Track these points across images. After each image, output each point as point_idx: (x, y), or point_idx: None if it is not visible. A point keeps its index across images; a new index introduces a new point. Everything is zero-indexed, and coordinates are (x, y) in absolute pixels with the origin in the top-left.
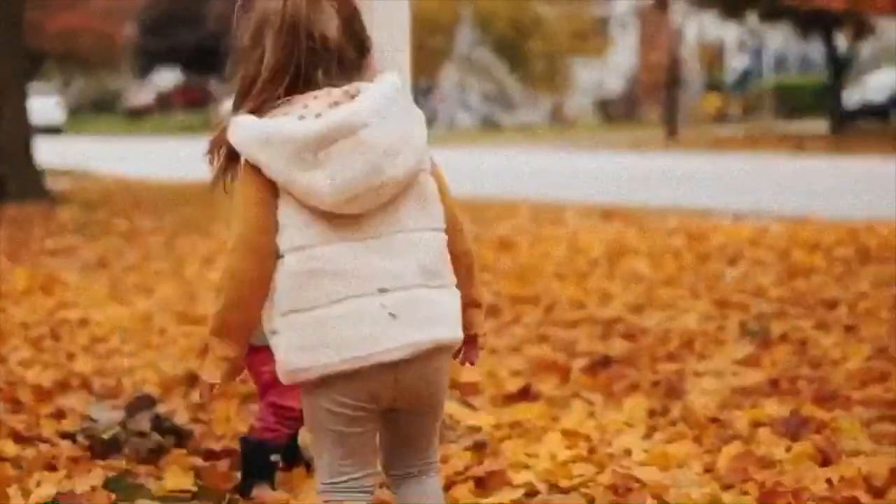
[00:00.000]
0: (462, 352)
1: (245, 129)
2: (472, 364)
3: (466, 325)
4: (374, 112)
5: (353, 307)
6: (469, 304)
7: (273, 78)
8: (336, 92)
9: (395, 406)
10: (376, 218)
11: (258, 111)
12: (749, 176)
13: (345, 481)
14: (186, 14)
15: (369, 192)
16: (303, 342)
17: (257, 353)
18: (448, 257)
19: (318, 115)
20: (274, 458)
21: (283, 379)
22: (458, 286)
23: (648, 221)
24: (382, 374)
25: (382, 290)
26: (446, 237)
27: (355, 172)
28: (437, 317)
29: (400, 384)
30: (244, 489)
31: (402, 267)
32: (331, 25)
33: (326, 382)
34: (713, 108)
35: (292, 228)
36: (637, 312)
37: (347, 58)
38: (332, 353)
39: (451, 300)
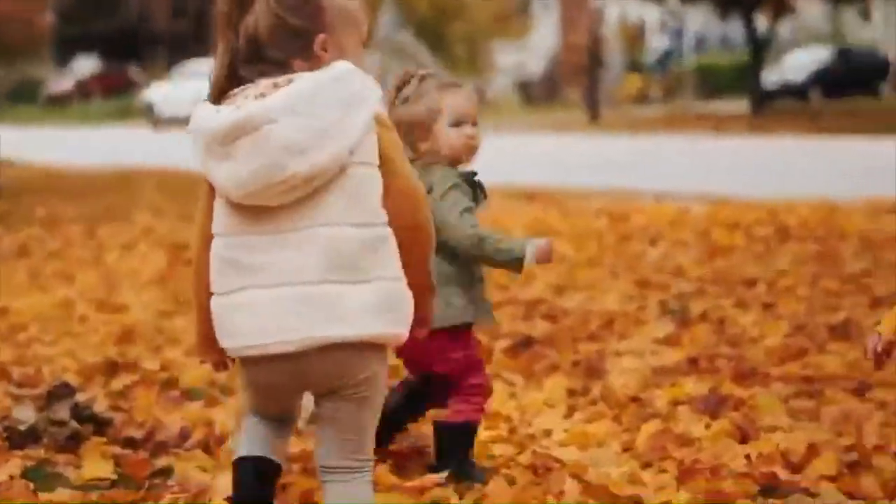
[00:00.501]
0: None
1: (190, 119)
2: (418, 339)
3: (415, 308)
4: (284, 108)
5: (253, 298)
6: (415, 288)
7: (219, 70)
8: (265, 83)
9: (314, 392)
10: (296, 211)
11: (216, 100)
12: (670, 156)
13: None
14: (104, 1)
15: (271, 188)
16: (217, 324)
17: (440, 339)
18: (381, 251)
19: (237, 108)
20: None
21: None
22: (400, 272)
23: (570, 203)
24: (282, 363)
25: (284, 284)
26: (381, 230)
27: (254, 168)
28: (338, 314)
29: (304, 374)
30: (461, 472)
31: (309, 262)
32: (261, 23)
33: (241, 362)
34: (634, 89)
35: (218, 214)
36: (559, 293)
37: (280, 50)
38: (231, 340)
39: (365, 296)
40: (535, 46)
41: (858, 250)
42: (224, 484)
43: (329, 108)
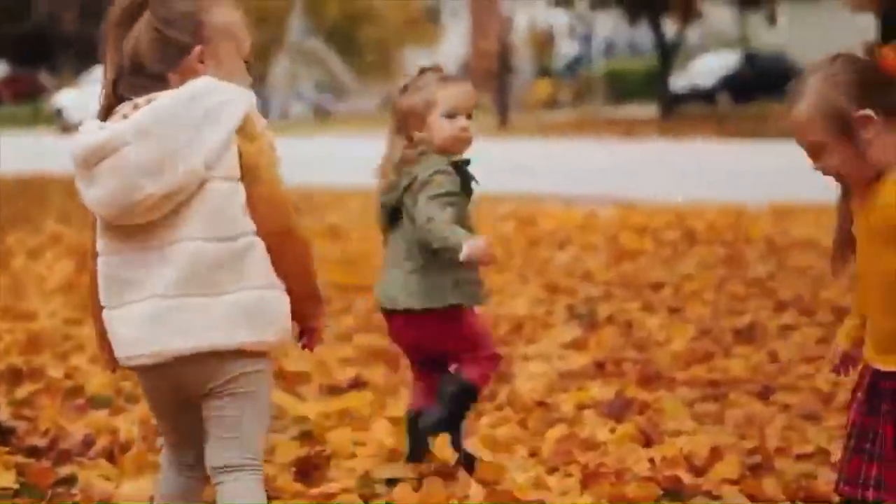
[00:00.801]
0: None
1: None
2: (310, 350)
3: (299, 317)
4: (138, 130)
5: (130, 311)
6: (295, 296)
7: (106, 86)
8: (131, 104)
9: (194, 400)
10: (162, 227)
11: (104, 117)
12: (580, 161)
13: (164, 447)
14: (12, 5)
15: (131, 208)
16: (109, 335)
17: (433, 321)
18: (246, 262)
19: (101, 128)
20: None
21: None
22: (271, 280)
23: (479, 207)
24: (156, 373)
25: (152, 297)
26: (245, 241)
27: (111, 189)
28: (194, 326)
29: (176, 384)
30: (449, 427)
31: (173, 276)
32: (142, 38)
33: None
34: (544, 95)
35: (98, 232)
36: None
37: (159, 64)
38: (117, 350)
39: (226, 307)
40: (446, 53)
41: (764, 254)
42: (128, 492)
43: (183, 127)
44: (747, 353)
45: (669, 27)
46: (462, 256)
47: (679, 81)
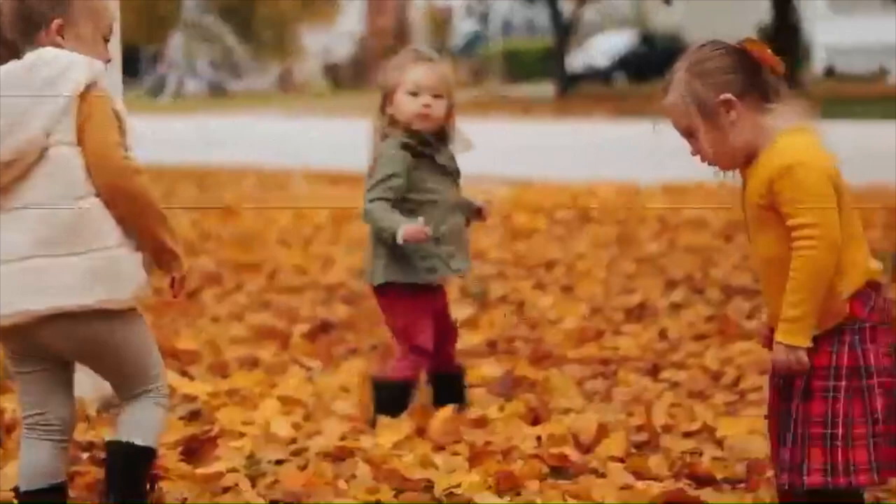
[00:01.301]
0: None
1: None
2: (175, 298)
3: (161, 268)
4: None
5: None
6: (147, 251)
7: None
8: None
9: (63, 358)
10: (12, 192)
11: None
12: (477, 140)
13: (26, 417)
14: None
15: None
16: None
17: (383, 297)
18: (91, 223)
19: None
20: (410, 394)
21: None
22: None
23: None
24: (16, 334)
25: (5, 262)
26: (87, 202)
27: None
28: (47, 287)
29: (38, 343)
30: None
31: (22, 239)
32: (4, 8)
33: None
34: None
35: None
36: (360, 277)
37: (18, 34)
38: None
39: (75, 267)
40: (343, 30)
41: (656, 232)
42: (12, 473)
43: (21, 93)
44: (637, 331)
45: (566, 6)
46: (398, 240)
47: (575, 61)
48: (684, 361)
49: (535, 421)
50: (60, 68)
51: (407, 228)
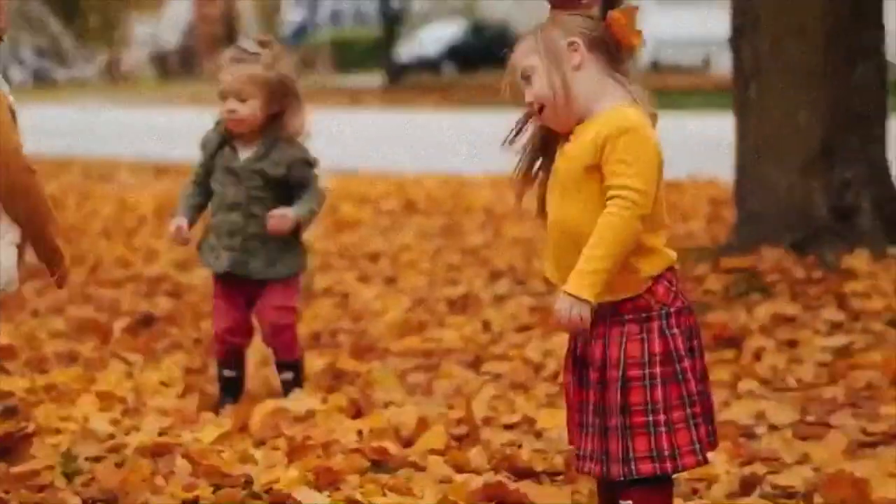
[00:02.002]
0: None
1: None
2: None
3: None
4: None
5: None
6: (39, 248)
7: None
8: None
9: None
10: None
11: None
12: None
13: None
14: None
15: None
16: None
17: None
18: None
19: None
20: (227, 377)
21: None
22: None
23: None
24: None
25: None
26: None
27: None
28: None
29: None
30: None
31: None
32: None
33: None
34: None
35: None
36: (183, 269)
37: None
38: None
39: None
40: (171, 18)
41: (482, 224)
42: None
43: None
44: (461, 322)
45: None
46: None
47: (405, 51)
48: (506, 353)
49: (357, 414)
50: None
51: (172, 223)
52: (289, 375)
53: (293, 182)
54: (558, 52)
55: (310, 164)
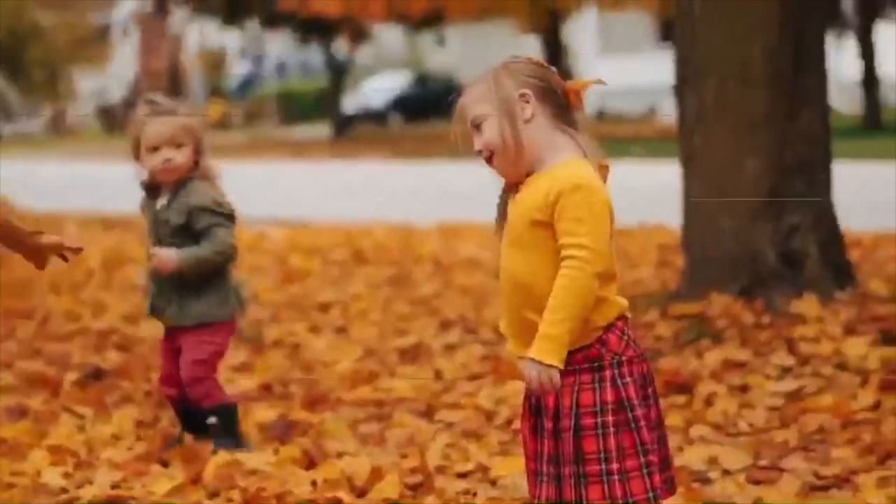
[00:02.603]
0: None
1: None
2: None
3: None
4: None
5: None
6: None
7: None
8: None
9: None
10: None
11: None
12: (251, 183)
13: None
14: None
15: None
16: None
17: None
18: None
19: None
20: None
21: None
22: None
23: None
24: None
25: None
26: None
27: None
28: None
29: None
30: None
31: None
32: None
33: None
34: (216, 115)
35: None
36: (133, 323)
37: None
38: None
39: None
40: (116, 72)
41: (431, 273)
42: None
43: None
44: (412, 372)
45: (340, 48)
46: None
47: (351, 102)
48: (459, 402)
49: (310, 465)
50: None
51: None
52: (213, 420)
53: (196, 230)
54: (510, 101)
55: (213, 211)
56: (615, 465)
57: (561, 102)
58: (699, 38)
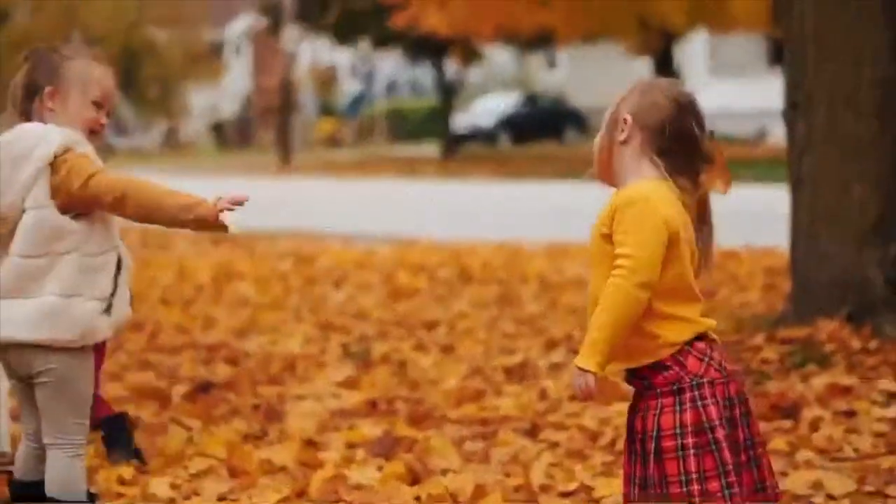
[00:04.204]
0: None
1: None
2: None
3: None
4: None
5: None
6: (174, 222)
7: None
8: None
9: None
10: (3, 247)
11: None
12: (362, 200)
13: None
14: None
15: None
16: None
17: None
18: (49, 275)
19: None
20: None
21: None
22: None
23: (258, 246)
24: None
25: None
26: (45, 259)
27: None
28: (3, 321)
29: (7, 365)
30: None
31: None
32: (17, 81)
33: None
34: (327, 133)
35: None
36: (240, 337)
37: (25, 102)
38: None
39: (29, 308)
40: (229, 89)
41: (537, 292)
42: None
43: (2, 167)
44: (517, 391)
45: (450, 67)
46: None
47: (460, 121)
48: (563, 422)
49: (415, 481)
50: (30, 143)
51: None
52: (101, 433)
53: None
54: (615, 119)
55: None
56: (696, 487)
57: (670, 141)
58: (810, 63)
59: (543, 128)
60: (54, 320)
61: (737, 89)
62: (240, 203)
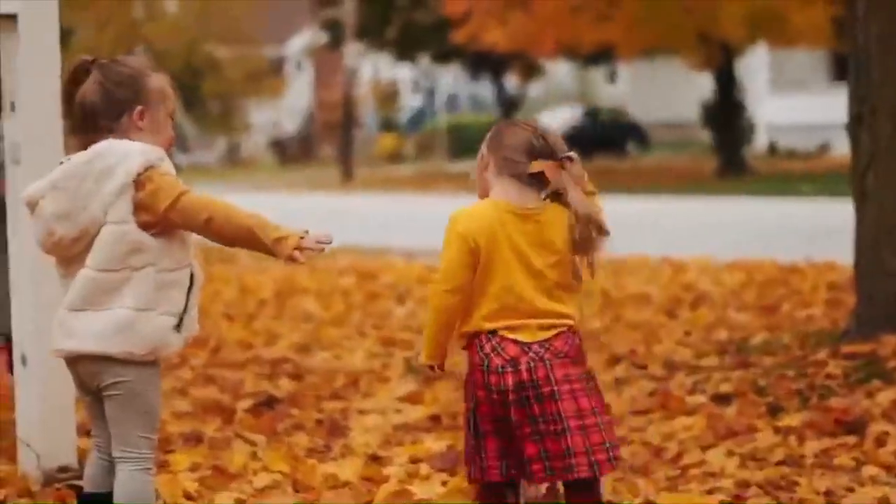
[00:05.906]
0: None
1: None
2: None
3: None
4: (51, 185)
5: (55, 319)
6: (257, 246)
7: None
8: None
9: (93, 392)
10: (79, 259)
11: None
12: (422, 215)
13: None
14: None
15: (49, 247)
16: None
17: None
18: (122, 289)
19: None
20: None
21: None
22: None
23: (319, 261)
24: (68, 366)
25: (62, 309)
26: (122, 274)
27: (37, 233)
28: (74, 333)
29: (78, 377)
30: None
31: (72, 294)
32: (89, 95)
33: None
34: (388, 148)
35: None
36: (304, 352)
37: (104, 119)
38: None
39: (102, 320)
40: (290, 105)
41: (600, 308)
42: None
43: (85, 181)
44: None
45: (511, 82)
46: None
47: None
48: (627, 436)
49: (479, 496)
50: (116, 159)
51: None
52: None
53: None
54: (481, 155)
55: None
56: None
57: (515, 162)
58: (875, 76)
59: (605, 142)
60: (127, 334)
61: (798, 103)
62: (325, 244)
